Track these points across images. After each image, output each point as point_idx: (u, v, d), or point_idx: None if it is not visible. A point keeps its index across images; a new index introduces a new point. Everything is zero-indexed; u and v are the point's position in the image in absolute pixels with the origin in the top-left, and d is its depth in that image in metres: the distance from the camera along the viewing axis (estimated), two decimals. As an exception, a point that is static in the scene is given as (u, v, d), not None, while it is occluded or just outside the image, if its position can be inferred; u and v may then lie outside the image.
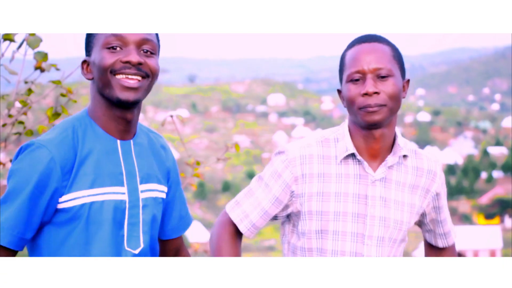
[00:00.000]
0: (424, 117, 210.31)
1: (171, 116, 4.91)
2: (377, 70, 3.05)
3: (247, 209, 3.18)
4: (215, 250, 3.13)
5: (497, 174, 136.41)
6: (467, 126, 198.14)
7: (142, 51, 2.81)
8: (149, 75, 2.82)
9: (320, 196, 3.13)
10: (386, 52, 3.10)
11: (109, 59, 2.76)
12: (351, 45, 3.14)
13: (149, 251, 2.91)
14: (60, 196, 2.73)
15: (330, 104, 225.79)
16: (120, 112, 2.83)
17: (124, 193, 2.82)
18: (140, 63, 2.77)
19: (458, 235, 3.65)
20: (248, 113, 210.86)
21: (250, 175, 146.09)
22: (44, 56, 4.54)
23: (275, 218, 3.24)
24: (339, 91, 3.20)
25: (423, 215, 3.30)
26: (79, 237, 2.77)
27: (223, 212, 3.23)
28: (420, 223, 3.39)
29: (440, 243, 3.41)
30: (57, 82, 4.66)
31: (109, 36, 2.77)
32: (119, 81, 2.76)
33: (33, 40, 4.46)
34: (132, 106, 2.80)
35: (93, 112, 2.86)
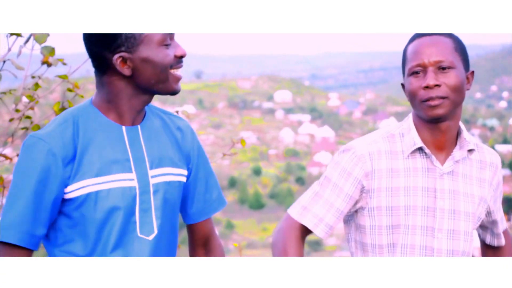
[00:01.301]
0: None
1: (177, 112, 4.91)
2: (438, 62, 3.07)
3: (319, 212, 3.15)
4: (282, 255, 3.08)
5: (504, 172, 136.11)
6: (474, 123, 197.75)
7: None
8: None
9: (389, 191, 3.14)
10: (447, 44, 3.12)
11: (168, 55, 2.80)
12: (412, 39, 3.17)
13: (165, 237, 2.90)
14: (65, 187, 2.73)
15: (336, 100, 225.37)
16: (149, 99, 2.88)
17: (133, 179, 2.81)
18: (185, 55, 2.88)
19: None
20: (255, 110, 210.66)
21: (256, 172, 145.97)
22: (51, 50, 4.54)
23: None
24: (402, 85, 3.21)
25: (488, 211, 3.32)
26: (89, 227, 2.77)
27: (286, 217, 3.19)
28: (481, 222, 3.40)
29: (501, 228, 3.42)
30: (64, 77, 4.66)
31: (163, 34, 2.79)
32: (175, 75, 2.83)
33: (40, 35, 4.47)
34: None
35: (105, 102, 2.85)
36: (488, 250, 3.48)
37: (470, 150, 3.21)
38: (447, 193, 3.14)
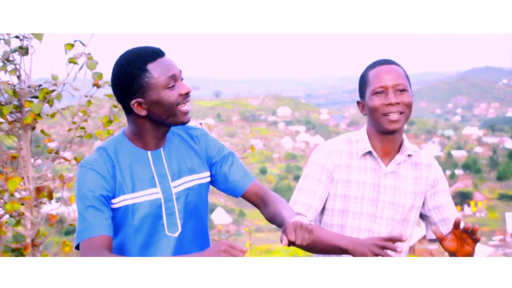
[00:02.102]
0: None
1: (201, 124, 4.90)
2: (396, 85, 3.19)
3: (306, 200, 3.26)
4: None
5: (458, 172, 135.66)
6: (435, 133, 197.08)
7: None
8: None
9: (344, 182, 3.27)
10: (401, 72, 3.24)
11: (172, 95, 2.81)
12: (372, 67, 3.27)
13: (189, 233, 2.96)
14: (112, 199, 2.82)
15: (326, 115, 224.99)
16: (167, 129, 2.91)
17: (158, 192, 2.87)
18: (190, 91, 2.87)
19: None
20: (262, 122, 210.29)
21: (263, 171, 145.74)
22: (99, 75, 4.55)
23: None
24: (358, 103, 3.35)
25: (424, 200, 3.38)
26: (128, 228, 2.86)
27: None
28: (423, 215, 3.42)
29: (443, 230, 3.39)
30: (110, 96, 4.67)
31: (166, 79, 2.80)
32: (182, 110, 2.83)
33: (91, 63, 4.47)
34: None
35: (134, 134, 2.90)
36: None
37: (409, 155, 3.34)
38: (389, 189, 3.28)
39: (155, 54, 2.83)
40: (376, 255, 2.95)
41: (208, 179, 3.06)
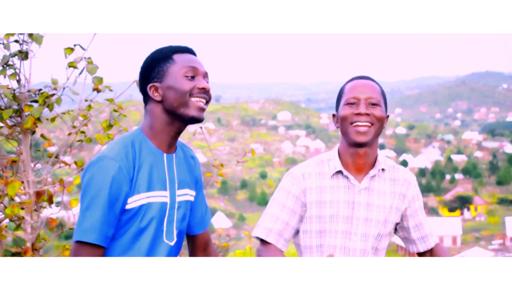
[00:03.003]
0: (401, 130, 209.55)
1: (201, 128, 4.90)
2: (369, 98, 3.20)
3: (267, 225, 3.27)
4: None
5: (458, 176, 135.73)
6: (435, 138, 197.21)
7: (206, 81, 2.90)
8: (209, 101, 2.91)
9: (318, 204, 3.25)
10: (376, 88, 3.25)
11: (187, 84, 2.82)
12: (350, 81, 3.30)
13: (178, 244, 2.94)
14: (128, 198, 2.75)
15: (326, 119, 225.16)
16: (180, 126, 2.88)
17: (166, 196, 2.84)
18: (209, 90, 2.86)
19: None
20: (262, 126, 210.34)
21: (263, 175, 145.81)
22: (100, 80, 4.54)
23: (296, 231, 3.32)
24: (334, 115, 3.36)
25: (402, 218, 3.36)
26: (134, 230, 2.79)
27: (258, 245, 3.31)
28: (402, 234, 3.42)
29: (421, 248, 3.40)
30: (110, 100, 4.66)
31: (185, 67, 2.82)
32: (195, 103, 2.82)
33: (91, 68, 4.47)
34: (198, 122, 2.89)
35: (150, 128, 2.87)
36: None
37: (383, 170, 3.31)
38: (363, 205, 3.26)
39: (185, 49, 2.90)
40: None
41: (193, 199, 3.06)
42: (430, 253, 3.42)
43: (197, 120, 2.85)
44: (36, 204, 4.58)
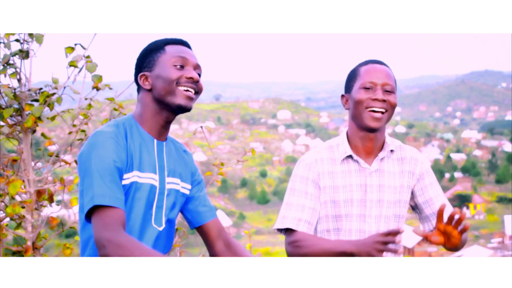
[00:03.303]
0: (401, 129, 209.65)
1: (201, 127, 4.91)
2: (385, 84, 3.22)
3: (296, 215, 3.26)
4: (310, 249, 3.17)
5: (457, 174, 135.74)
6: (434, 136, 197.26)
7: (198, 74, 2.91)
8: (199, 92, 2.91)
9: (331, 189, 3.27)
10: (391, 74, 3.27)
11: (175, 73, 2.83)
12: (365, 63, 3.30)
13: (168, 231, 2.93)
14: (124, 173, 2.75)
15: (326, 118, 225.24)
16: (169, 116, 2.88)
17: (156, 180, 2.84)
18: (197, 81, 2.86)
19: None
20: (262, 125, 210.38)
21: (263, 174, 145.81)
22: (99, 78, 4.55)
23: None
24: (342, 96, 3.37)
25: (413, 195, 3.37)
26: (126, 209, 2.77)
27: (285, 238, 3.30)
28: (415, 210, 3.42)
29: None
30: (110, 99, 4.66)
31: (175, 57, 2.85)
32: (183, 92, 2.84)
33: (90, 66, 4.47)
34: (185, 112, 2.89)
35: (140, 116, 2.90)
36: None
37: (391, 151, 3.33)
38: (375, 187, 3.27)
39: (179, 41, 2.94)
40: (381, 252, 2.94)
41: (188, 192, 3.04)
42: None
43: (184, 109, 2.86)
44: (37, 203, 4.58)
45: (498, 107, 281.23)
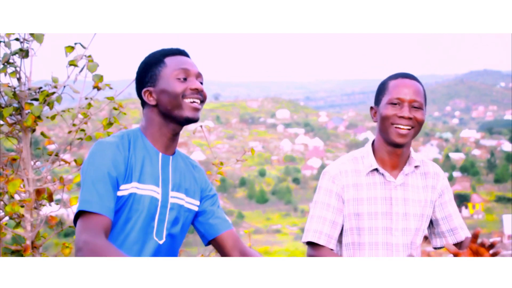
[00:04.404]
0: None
1: (201, 126, 4.91)
2: (413, 101, 3.20)
3: (317, 228, 3.28)
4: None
5: (456, 174, 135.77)
6: (433, 136, 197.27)
7: (200, 82, 2.91)
8: (204, 101, 2.91)
9: (356, 201, 3.26)
10: (420, 90, 3.25)
11: (179, 86, 2.83)
12: (395, 77, 3.28)
13: (169, 246, 2.92)
14: (121, 184, 2.76)
15: (325, 117, 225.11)
16: (176, 128, 2.89)
17: (158, 193, 2.84)
18: (202, 90, 2.87)
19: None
20: (261, 124, 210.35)
21: (262, 173, 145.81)
22: (100, 78, 4.55)
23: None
24: (371, 108, 3.35)
25: (433, 210, 3.38)
26: (121, 219, 2.79)
27: (307, 249, 3.33)
28: (431, 229, 3.44)
29: (450, 240, 3.39)
30: (110, 98, 4.66)
31: (177, 69, 2.84)
32: (189, 104, 2.84)
33: (91, 66, 4.47)
34: (193, 123, 2.89)
35: (146, 129, 2.90)
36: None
37: (416, 166, 3.34)
38: (400, 200, 3.27)
39: (177, 51, 2.92)
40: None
41: (196, 208, 3.03)
42: (459, 246, 3.42)
43: (192, 120, 2.86)
44: (36, 202, 4.58)
45: (497, 107, 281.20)
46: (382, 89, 3.28)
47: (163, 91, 2.83)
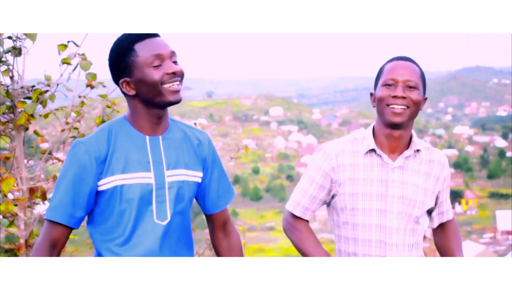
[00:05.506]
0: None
1: (195, 124, 4.90)
2: (407, 81, 3.20)
3: (297, 198, 3.36)
4: (295, 240, 3.35)
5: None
6: (426, 132, 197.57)
7: (173, 62, 2.87)
8: (182, 78, 2.89)
9: (351, 181, 3.27)
10: (415, 70, 3.24)
11: (156, 74, 2.80)
12: (390, 61, 3.30)
13: (177, 223, 2.94)
14: (99, 181, 2.80)
15: (318, 115, 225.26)
16: (159, 112, 2.87)
17: (150, 178, 2.84)
18: (180, 71, 2.84)
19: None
20: (254, 122, 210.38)
21: (255, 171, 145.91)
22: (93, 76, 4.54)
23: (325, 202, 3.38)
24: (371, 94, 3.34)
25: (436, 198, 3.40)
26: (115, 212, 2.83)
27: (285, 212, 3.43)
28: (432, 208, 3.45)
29: (445, 218, 3.47)
30: (103, 96, 4.66)
31: (150, 57, 2.80)
32: (168, 89, 2.81)
33: (85, 64, 4.46)
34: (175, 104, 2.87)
35: (131, 117, 2.90)
36: (438, 232, 3.55)
37: (417, 150, 3.32)
38: (397, 183, 3.26)
39: (144, 34, 2.85)
40: None
41: (199, 180, 3.04)
42: (441, 227, 3.51)
43: (174, 103, 2.86)
44: (30, 200, 4.57)
45: (490, 103, 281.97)
46: (379, 73, 3.31)
47: (141, 81, 2.81)
